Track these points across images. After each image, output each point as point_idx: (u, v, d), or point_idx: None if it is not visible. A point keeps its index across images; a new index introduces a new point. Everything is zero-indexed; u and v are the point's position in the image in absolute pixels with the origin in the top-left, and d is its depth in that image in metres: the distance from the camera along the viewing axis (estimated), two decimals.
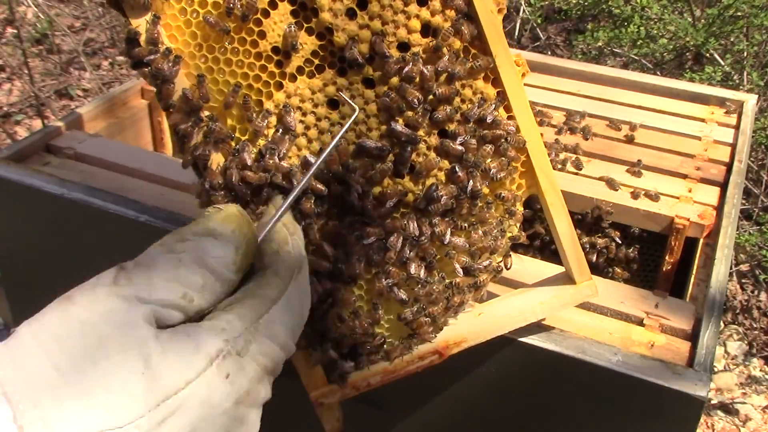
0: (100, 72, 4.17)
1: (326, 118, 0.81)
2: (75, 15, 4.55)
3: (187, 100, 0.77)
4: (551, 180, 0.89)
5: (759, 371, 2.72)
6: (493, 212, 0.89)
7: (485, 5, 0.79)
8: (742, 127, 1.65)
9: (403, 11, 0.77)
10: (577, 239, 0.93)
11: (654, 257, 1.49)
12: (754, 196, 3.06)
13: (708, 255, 1.29)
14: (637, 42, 3.22)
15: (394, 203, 0.83)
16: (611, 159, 1.54)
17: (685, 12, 3.39)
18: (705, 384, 0.95)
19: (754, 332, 2.83)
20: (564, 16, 3.74)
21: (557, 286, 0.97)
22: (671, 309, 1.11)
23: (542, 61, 1.94)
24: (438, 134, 0.83)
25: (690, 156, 1.56)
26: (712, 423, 2.55)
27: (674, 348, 1.04)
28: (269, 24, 0.78)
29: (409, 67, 0.78)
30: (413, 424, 1.19)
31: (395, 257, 0.84)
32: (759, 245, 2.88)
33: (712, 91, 1.81)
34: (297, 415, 1.07)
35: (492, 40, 0.81)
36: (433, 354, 0.93)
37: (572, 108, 1.72)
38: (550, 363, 1.02)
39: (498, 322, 0.95)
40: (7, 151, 1.41)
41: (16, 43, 4.05)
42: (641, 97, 1.79)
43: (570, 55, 3.75)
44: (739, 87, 3.00)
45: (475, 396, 1.12)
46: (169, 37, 0.76)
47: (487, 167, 0.84)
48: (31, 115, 3.88)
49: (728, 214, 1.34)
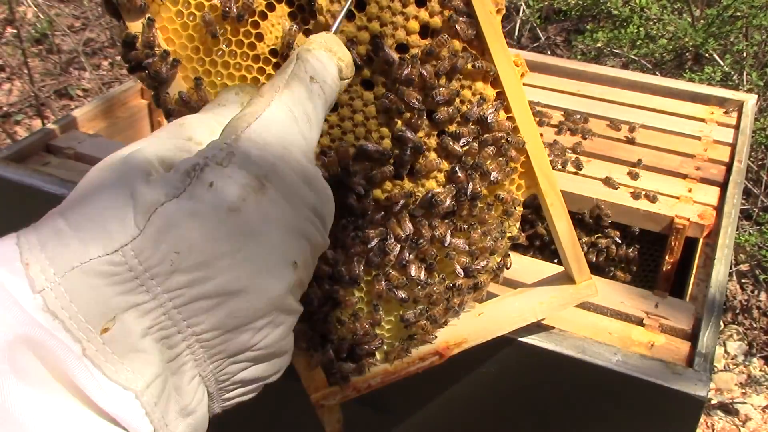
0: (100, 72, 4.18)
1: (325, 120, 0.81)
2: (75, 15, 4.55)
3: (185, 103, 0.77)
4: (551, 180, 0.89)
5: (759, 371, 2.72)
6: (493, 213, 0.89)
7: (484, 6, 0.79)
8: (742, 127, 1.65)
9: (402, 12, 0.77)
10: (577, 239, 0.93)
11: (654, 257, 1.49)
12: (754, 196, 3.06)
13: (708, 255, 1.29)
14: (637, 42, 3.22)
15: (399, 206, 0.83)
16: (611, 159, 1.54)
17: (685, 12, 3.39)
18: (705, 384, 0.95)
19: (754, 332, 2.83)
20: (563, 16, 3.74)
21: (557, 286, 0.97)
22: (671, 309, 1.11)
23: (542, 61, 1.94)
24: (438, 135, 0.83)
25: (690, 156, 1.56)
26: (712, 423, 2.55)
27: (674, 348, 1.05)
28: (267, 26, 0.78)
29: (409, 70, 0.78)
30: (414, 424, 1.19)
31: (395, 260, 0.84)
32: (759, 245, 2.88)
33: (712, 91, 1.81)
34: (297, 416, 1.07)
35: (491, 41, 0.81)
36: (434, 355, 0.93)
37: (572, 108, 1.72)
38: (549, 363, 1.02)
39: (498, 322, 0.95)
40: (7, 151, 1.41)
41: (16, 43, 4.05)
42: (641, 97, 1.79)
43: (570, 56, 3.75)
44: (739, 87, 3.00)
45: (475, 396, 1.12)
46: (165, 40, 0.76)
47: (487, 169, 0.84)
48: (30, 115, 3.88)
49: (728, 214, 1.35)
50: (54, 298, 0.47)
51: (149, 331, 0.49)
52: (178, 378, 0.52)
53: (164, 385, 0.50)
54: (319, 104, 0.62)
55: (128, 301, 0.48)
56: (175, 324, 0.51)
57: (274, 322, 0.56)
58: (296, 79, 0.62)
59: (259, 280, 0.54)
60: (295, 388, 0.91)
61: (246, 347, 0.55)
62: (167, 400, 0.51)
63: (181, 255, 0.50)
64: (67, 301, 0.47)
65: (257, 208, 0.54)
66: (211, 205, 0.52)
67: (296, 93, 0.61)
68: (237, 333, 0.54)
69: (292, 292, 0.57)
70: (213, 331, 0.52)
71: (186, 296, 0.50)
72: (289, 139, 0.58)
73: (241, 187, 0.53)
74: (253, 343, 0.55)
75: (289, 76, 0.62)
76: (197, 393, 0.54)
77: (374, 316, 0.88)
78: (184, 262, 0.50)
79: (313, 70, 0.63)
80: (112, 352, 0.48)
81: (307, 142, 0.60)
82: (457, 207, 0.85)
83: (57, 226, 0.50)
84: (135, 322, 0.49)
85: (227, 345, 0.54)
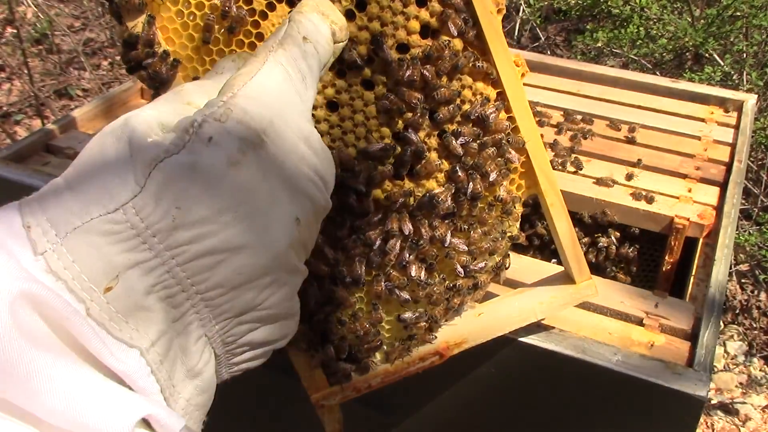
0: (100, 72, 4.17)
1: (326, 121, 0.81)
2: (75, 15, 4.55)
3: None
4: (551, 180, 0.89)
5: (759, 371, 2.72)
6: (493, 213, 0.89)
7: (484, 6, 0.79)
8: (742, 127, 1.65)
9: (402, 12, 0.77)
10: (577, 239, 0.93)
11: (654, 257, 1.49)
12: (753, 196, 3.06)
13: (708, 255, 1.29)
14: (637, 42, 3.22)
15: (399, 205, 0.83)
16: (611, 159, 1.54)
17: (685, 12, 3.39)
18: (705, 384, 0.95)
19: (754, 332, 2.83)
20: (563, 16, 3.74)
21: (557, 286, 0.97)
22: (671, 309, 1.11)
23: (542, 61, 1.94)
24: (438, 135, 0.83)
25: (690, 156, 1.56)
26: (711, 423, 2.55)
27: (674, 348, 1.05)
28: (267, 26, 0.78)
29: (410, 71, 0.77)
30: (414, 425, 1.19)
31: (395, 260, 0.84)
32: (759, 245, 2.88)
33: (712, 91, 1.81)
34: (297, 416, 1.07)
35: (491, 41, 0.81)
36: (434, 355, 0.93)
37: (572, 108, 1.72)
38: (549, 363, 1.02)
39: (498, 322, 0.95)
40: (7, 151, 1.41)
41: (16, 43, 4.05)
42: (641, 97, 1.79)
43: (570, 55, 3.75)
44: (739, 87, 3.00)
45: (475, 396, 1.12)
46: (166, 39, 0.76)
47: (486, 170, 0.84)
48: (30, 115, 3.88)
49: (728, 213, 1.34)
50: (56, 259, 0.46)
51: (153, 289, 0.49)
52: (183, 338, 0.52)
53: (170, 344, 0.50)
54: (314, 64, 0.62)
55: (131, 259, 0.48)
56: (179, 282, 0.50)
57: (278, 281, 0.55)
58: (289, 38, 0.62)
59: (262, 235, 0.53)
60: (296, 388, 0.91)
61: (251, 306, 0.54)
62: (173, 360, 0.51)
63: (182, 210, 0.50)
64: (70, 261, 0.46)
65: (257, 163, 0.53)
66: (210, 159, 0.52)
67: (289, 51, 0.60)
68: (241, 291, 0.53)
69: (296, 251, 0.57)
70: (217, 289, 0.52)
71: (189, 253, 0.50)
72: (285, 96, 0.58)
73: (239, 141, 0.53)
74: (258, 302, 0.54)
75: (282, 36, 0.62)
76: (204, 354, 0.53)
77: (374, 315, 0.88)
78: (186, 218, 0.50)
79: (306, 31, 0.63)
80: (116, 311, 0.47)
81: (302, 101, 0.60)
82: (457, 207, 0.85)
83: (58, 189, 0.50)
84: (138, 280, 0.48)
85: (232, 303, 0.53)
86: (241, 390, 1.30)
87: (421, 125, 0.81)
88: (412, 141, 0.80)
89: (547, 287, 0.97)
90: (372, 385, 0.93)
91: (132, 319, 0.48)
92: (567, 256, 0.93)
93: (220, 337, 0.54)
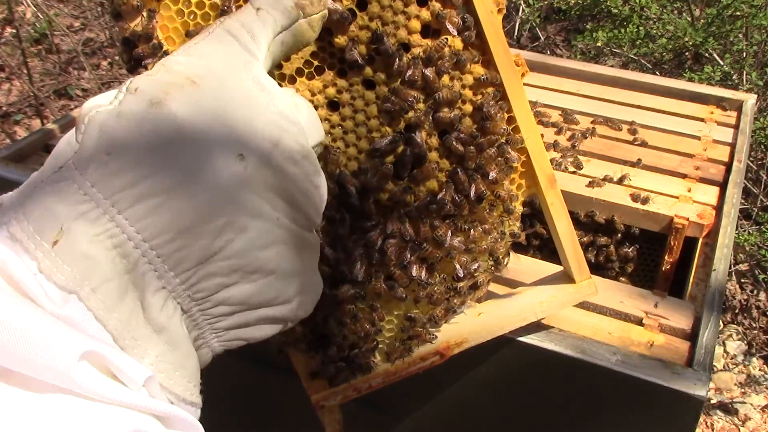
0: (99, 72, 4.17)
1: (326, 120, 0.81)
2: (74, 15, 4.55)
3: None
4: (551, 180, 0.89)
5: (758, 371, 2.73)
6: (494, 213, 0.89)
7: (485, 5, 0.79)
8: (742, 127, 1.65)
9: (403, 12, 0.77)
10: (577, 239, 0.93)
11: (653, 257, 1.49)
12: (753, 196, 3.06)
13: (707, 254, 1.29)
14: (636, 42, 3.23)
15: (399, 205, 0.83)
16: (611, 159, 1.54)
17: (684, 12, 3.40)
18: (704, 383, 0.95)
19: (754, 332, 2.83)
20: (563, 15, 3.74)
21: (557, 285, 0.97)
22: (670, 308, 1.12)
23: (542, 61, 1.94)
24: (439, 135, 0.83)
25: (689, 155, 1.56)
26: (711, 423, 2.55)
27: (673, 347, 1.05)
28: None
29: (411, 71, 0.77)
30: (414, 425, 1.19)
31: (396, 260, 0.84)
32: (758, 245, 2.89)
33: (712, 91, 1.81)
34: (297, 416, 1.07)
35: (492, 41, 0.81)
36: (435, 355, 0.94)
37: (572, 108, 1.72)
38: (549, 362, 1.02)
39: (498, 322, 0.95)
40: (7, 151, 1.41)
41: (15, 43, 4.05)
42: (641, 97, 1.79)
43: (569, 55, 3.75)
44: (739, 87, 3.00)
45: (474, 396, 1.12)
46: (165, 39, 0.76)
47: (487, 171, 0.84)
48: (30, 115, 3.88)
49: (727, 213, 1.35)
50: (15, 224, 0.48)
51: (97, 239, 0.49)
52: (140, 291, 0.51)
53: (120, 293, 0.49)
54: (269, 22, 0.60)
55: (74, 211, 0.49)
56: (124, 230, 0.49)
57: (234, 225, 0.53)
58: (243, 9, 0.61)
59: (196, 172, 0.51)
60: (296, 388, 0.91)
61: (209, 253, 0.52)
62: (131, 312, 0.50)
63: (112, 156, 0.50)
64: (26, 223, 0.48)
65: (184, 99, 0.52)
66: (134, 105, 0.52)
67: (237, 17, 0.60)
68: (191, 236, 0.51)
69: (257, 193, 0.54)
70: (163, 235, 0.50)
71: (126, 200, 0.49)
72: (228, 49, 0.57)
73: (164, 84, 0.53)
74: (215, 249, 0.52)
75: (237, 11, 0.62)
76: (166, 308, 0.52)
77: (374, 315, 0.88)
78: (117, 164, 0.50)
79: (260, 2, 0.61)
80: (62, 262, 0.48)
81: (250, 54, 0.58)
82: (458, 208, 0.85)
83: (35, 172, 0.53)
84: (81, 231, 0.48)
85: (187, 251, 0.51)
86: (242, 390, 1.30)
87: (423, 123, 0.81)
88: (417, 144, 0.80)
89: (547, 286, 0.97)
90: (373, 386, 0.93)
91: (76, 268, 0.48)
92: (567, 255, 0.93)
93: (185, 291, 0.53)
